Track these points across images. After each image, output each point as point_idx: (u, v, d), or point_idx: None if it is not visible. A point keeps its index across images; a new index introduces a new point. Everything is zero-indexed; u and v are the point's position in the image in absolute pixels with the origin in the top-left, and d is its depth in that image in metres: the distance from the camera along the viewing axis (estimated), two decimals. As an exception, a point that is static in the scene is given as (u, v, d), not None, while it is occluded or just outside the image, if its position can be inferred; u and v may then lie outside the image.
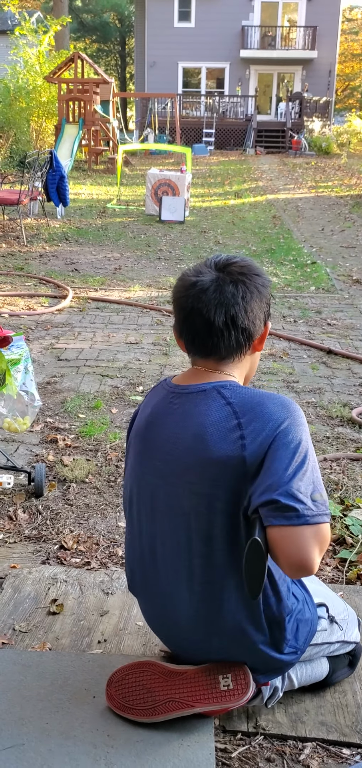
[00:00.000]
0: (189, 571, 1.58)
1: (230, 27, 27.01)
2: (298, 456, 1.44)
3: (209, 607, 1.59)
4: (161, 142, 22.24)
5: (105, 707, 1.69)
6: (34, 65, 18.82)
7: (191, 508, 1.54)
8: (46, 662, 1.86)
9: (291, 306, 6.18)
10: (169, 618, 1.67)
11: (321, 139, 24.37)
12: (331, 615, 1.77)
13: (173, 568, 1.61)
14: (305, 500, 1.40)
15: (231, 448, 1.47)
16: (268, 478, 1.43)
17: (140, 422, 1.69)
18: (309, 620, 1.68)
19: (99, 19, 41.41)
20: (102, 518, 2.80)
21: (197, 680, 1.64)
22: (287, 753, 1.68)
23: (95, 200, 13.09)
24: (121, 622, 2.09)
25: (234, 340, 1.56)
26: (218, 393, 1.54)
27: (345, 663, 1.85)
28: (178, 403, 1.60)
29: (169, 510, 1.59)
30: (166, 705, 1.63)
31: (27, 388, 2.82)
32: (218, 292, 1.54)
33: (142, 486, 1.66)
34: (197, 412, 1.55)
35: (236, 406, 1.51)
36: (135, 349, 4.94)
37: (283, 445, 1.44)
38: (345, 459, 3.30)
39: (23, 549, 2.57)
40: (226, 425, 1.49)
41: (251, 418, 1.48)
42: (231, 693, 1.61)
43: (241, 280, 1.56)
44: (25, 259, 7.95)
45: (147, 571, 1.68)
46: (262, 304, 1.59)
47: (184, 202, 10.85)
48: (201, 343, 1.58)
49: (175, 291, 1.62)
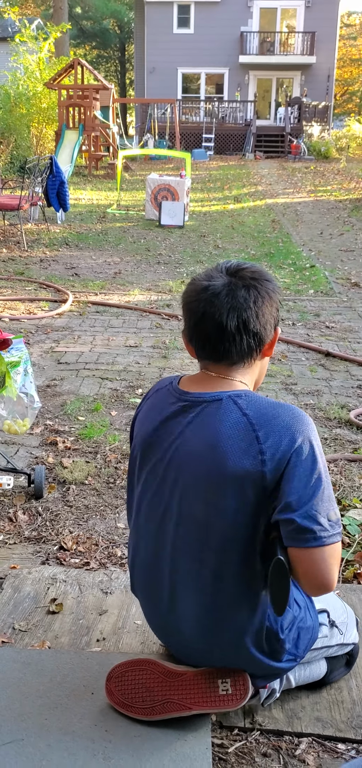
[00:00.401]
0: (198, 582, 1.58)
1: (229, 33, 27.10)
2: (316, 473, 1.46)
3: (214, 619, 1.59)
4: (161, 147, 22.31)
5: (103, 703, 1.71)
6: (35, 72, 18.90)
7: (206, 519, 1.54)
8: (46, 660, 1.88)
9: (290, 309, 6.21)
10: (172, 625, 1.67)
11: (320, 144, 24.43)
12: (332, 620, 1.78)
13: (181, 577, 1.60)
14: (322, 521, 1.44)
15: (251, 463, 1.47)
16: (287, 496, 1.44)
17: (149, 428, 1.65)
18: (311, 628, 1.69)
19: (99, 26, 41.56)
20: (101, 519, 2.82)
21: (196, 683, 1.65)
22: (283, 748, 1.70)
23: (95, 205, 13.13)
24: (119, 621, 2.12)
25: (246, 344, 1.55)
26: (234, 403, 1.53)
27: (342, 663, 1.86)
28: (193, 413, 1.57)
29: (181, 519, 1.58)
30: (164, 705, 1.64)
31: (26, 390, 2.85)
32: (230, 296, 1.54)
33: (153, 494, 1.64)
34: (213, 423, 1.53)
35: (252, 419, 1.50)
36: (134, 352, 4.97)
37: (301, 462, 1.46)
38: (342, 460, 3.32)
39: (23, 550, 2.60)
40: (245, 438, 1.49)
41: (268, 432, 1.48)
42: (230, 698, 1.62)
43: (253, 285, 1.56)
44: (26, 263, 7.99)
45: (152, 577, 1.67)
46: (273, 309, 1.59)
47: (184, 207, 10.89)
48: (212, 348, 1.57)
49: (185, 296, 1.61)
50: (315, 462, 1.46)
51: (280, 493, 1.46)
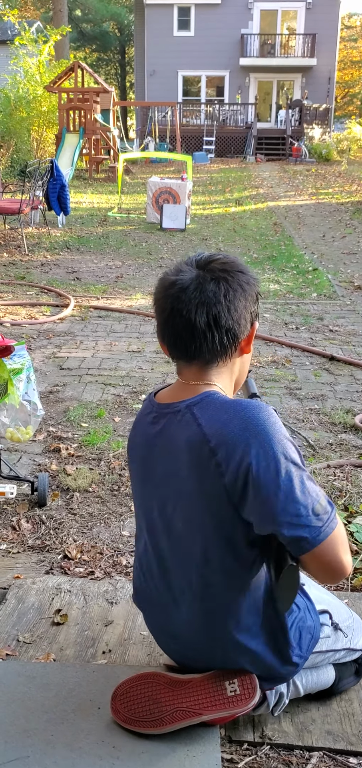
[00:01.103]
0: (190, 589, 1.58)
1: (229, 35, 27.11)
2: (282, 476, 1.37)
3: (209, 624, 1.59)
4: (162, 150, 22.31)
5: (110, 719, 1.68)
6: (35, 75, 18.89)
7: (186, 532, 1.54)
8: (51, 673, 1.84)
9: (293, 313, 6.18)
10: (172, 631, 1.67)
11: (321, 146, 24.42)
12: (335, 622, 1.76)
13: (176, 584, 1.61)
14: (309, 522, 1.38)
15: (212, 477, 1.43)
16: (262, 507, 1.40)
17: (131, 442, 1.67)
18: (312, 627, 1.67)
19: (99, 29, 41.59)
20: (105, 527, 2.79)
21: (203, 688, 1.63)
22: (294, 763, 1.67)
23: (96, 209, 13.12)
24: (125, 632, 2.09)
25: (218, 341, 1.47)
26: (191, 413, 1.48)
27: (351, 671, 1.84)
28: (160, 424, 1.56)
29: (165, 530, 1.59)
30: (172, 715, 1.61)
31: (29, 397, 2.82)
32: (198, 291, 1.45)
33: (141, 505, 1.67)
34: (175, 436, 1.50)
35: (205, 428, 1.44)
36: (137, 357, 4.94)
37: (263, 469, 1.37)
38: (348, 465, 3.29)
39: (27, 559, 2.57)
40: (200, 451, 1.44)
41: (221, 442, 1.41)
42: (239, 698, 1.60)
43: (223, 278, 1.47)
44: (27, 268, 7.96)
45: (150, 587, 1.69)
46: (248, 303, 1.50)
47: (185, 210, 10.87)
48: (183, 347, 1.50)
49: (154, 292, 1.54)
50: (277, 462, 1.37)
51: (252, 506, 1.41)
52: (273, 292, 6.96)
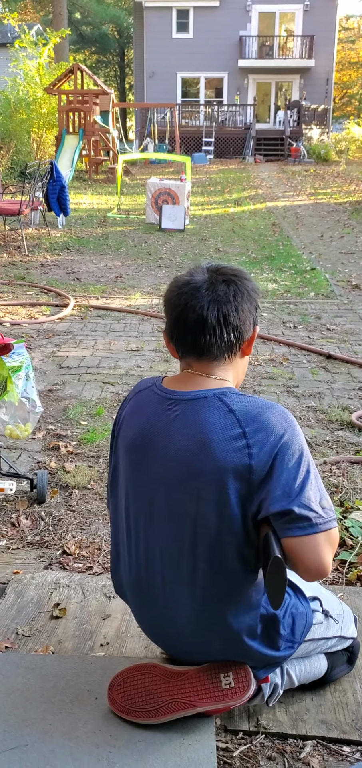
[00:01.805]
0: (193, 576, 1.58)
1: (228, 37, 27.15)
2: (303, 466, 1.51)
3: (211, 611, 1.60)
4: (161, 151, 22.34)
5: (107, 708, 1.71)
6: (34, 77, 18.93)
7: (198, 513, 1.55)
8: (49, 665, 1.87)
9: (291, 312, 6.21)
10: (168, 623, 1.67)
11: (320, 147, 24.45)
12: (325, 609, 1.79)
13: (174, 573, 1.61)
14: (316, 508, 1.49)
15: (239, 457, 1.50)
16: (279, 488, 1.48)
17: (135, 431, 1.64)
18: (304, 613, 1.70)
19: (98, 31, 41.65)
20: (104, 524, 2.82)
21: (199, 680, 1.65)
22: (288, 751, 1.70)
23: (96, 210, 13.15)
24: (123, 625, 2.11)
25: (226, 338, 1.59)
26: (220, 400, 1.55)
27: (343, 659, 1.87)
28: (178, 410, 1.58)
29: (171, 516, 1.58)
30: (168, 706, 1.64)
31: (28, 394, 2.85)
32: (211, 290, 1.59)
33: (139, 494, 1.64)
34: (200, 420, 1.54)
35: (239, 415, 1.53)
36: (136, 356, 4.97)
37: (289, 456, 1.50)
38: (344, 462, 3.32)
39: (26, 555, 2.59)
40: (231, 433, 1.51)
41: (255, 428, 1.51)
42: (233, 691, 1.63)
43: (233, 281, 1.61)
44: (27, 268, 8.00)
45: (142, 578, 1.67)
46: (251, 307, 1.63)
47: (184, 211, 10.90)
48: (193, 341, 1.60)
49: (167, 293, 1.65)
50: (302, 455, 1.51)
51: (269, 488, 1.49)
52: (272, 291, 6.99)
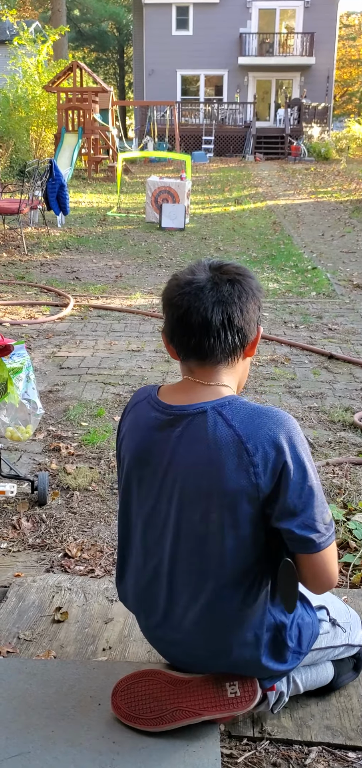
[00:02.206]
0: (199, 594, 1.56)
1: (228, 34, 27.11)
2: (308, 481, 1.46)
3: (218, 628, 1.57)
4: (160, 149, 22.31)
5: (110, 714, 1.69)
6: (33, 75, 18.90)
7: (206, 533, 1.52)
8: (51, 670, 1.86)
9: (293, 311, 6.19)
10: (171, 637, 1.65)
11: (320, 145, 24.42)
12: (333, 618, 1.77)
13: (181, 589, 1.59)
14: (319, 528, 1.47)
15: (246, 477, 1.45)
16: (284, 507, 1.46)
17: (136, 445, 1.60)
18: (311, 623, 1.68)
19: (97, 29, 41.61)
20: (105, 526, 2.80)
21: (204, 688, 1.63)
22: (293, 757, 1.68)
23: (95, 208, 13.12)
24: (125, 629, 2.10)
25: (230, 340, 1.52)
26: (219, 414, 1.49)
27: (350, 666, 1.85)
28: (179, 426, 1.53)
29: (181, 534, 1.56)
30: (173, 714, 1.61)
31: (29, 396, 2.83)
32: (215, 290, 1.50)
33: (150, 510, 1.61)
34: (203, 438, 1.49)
35: (239, 430, 1.47)
36: (137, 356, 4.95)
37: (293, 471, 1.45)
38: (347, 463, 3.30)
39: (27, 557, 2.58)
40: (235, 452, 1.46)
41: (256, 444, 1.45)
42: (239, 700, 1.61)
43: (238, 280, 1.53)
44: (26, 268, 7.97)
45: (149, 591, 1.65)
46: (256, 307, 1.56)
47: (184, 209, 10.88)
48: (197, 345, 1.52)
49: (167, 292, 1.56)
50: (305, 470, 1.47)
51: (277, 503, 1.46)
52: (273, 290, 6.97)
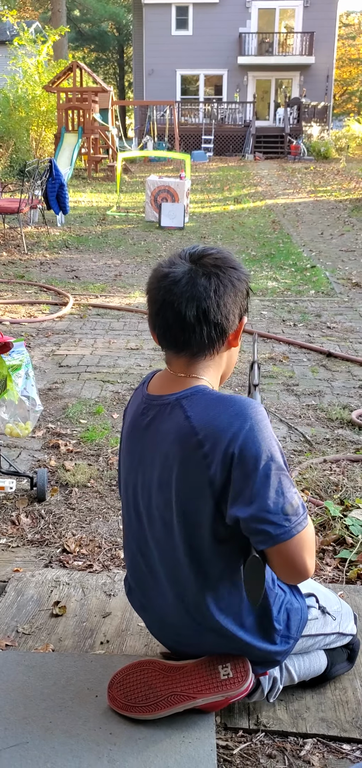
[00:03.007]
0: (176, 578, 1.61)
1: (227, 34, 27.12)
2: (260, 472, 1.42)
3: (194, 612, 1.61)
4: (160, 149, 22.32)
5: (107, 706, 1.71)
6: (33, 75, 18.92)
7: (172, 521, 1.56)
8: (49, 663, 1.87)
9: (291, 310, 6.21)
10: (162, 618, 1.71)
11: (320, 144, 24.43)
12: (322, 605, 1.79)
13: (162, 572, 1.64)
14: (274, 519, 1.41)
15: (197, 468, 1.47)
16: (236, 497, 1.44)
17: (123, 432, 1.72)
18: (299, 609, 1.70)
19: (97, 29, 41.61)
20: (104, 522, 2.82)
21: (197, 672, 1.66)
22: (288, 749, 1.70)
23: (95, 208, 13.14)
24: (123, 623, 2.11)
25: (206, 335, 1.51)
26: (180, 406, 1.51)
27: (343, 657, 1.87)
28: (150, 416, 1.59)
29: (154, 520, 1.61)
30: (168, 699, 1.65)
31: (28, 393, 2.85)
32: (190, 285, 1.49)
33: (129, 492, 1.69)
34: (164, 429, 1.54)
35: (194, 421, 1.48)
36: (135, 354, 4.97)
37: (244, 460, 1.42)
38: (344, 460, 3.32)
39: (26, 553, 2.60)
40: (188, 443, 1.48)
41: (208, 434, 1.45)
42: (232, 681, 1.64)
43: (215, 273, 1.50)
44: (26, 267, 7.99)
45: (142, 576, 1.72)
46: (237, 299, 1.53)
47: (184, 209, 10.90)
48: (172, 338, 1.54)
49: (148, 283, 1.57)
50: (258, 459, 1.42)
51: (230, 493, 1.45)
52: (272, 289, 6.99)
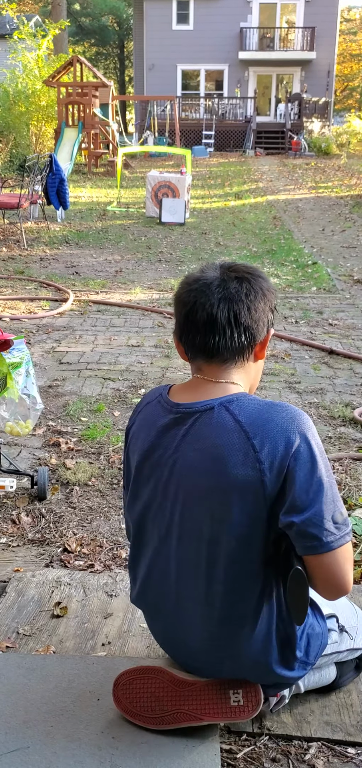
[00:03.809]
0: (208, 597, 1.54)
1: (228, 29, 27.04)
2: (316, 476, 1.41)
3: (224, 634, 1.55)
4: (161, 144, 22.26)
5: (110, 710, 1.69)
6: (33, 69, 18.84)
7: (212, 535, 1.50)
8: (50, 665, 1.85)
9: (293, 307, 6.18)
10: (180, 639, 1.64)
11: (321, 140, 24.38)
12: (341, 625, 1.76)
13: (188, 592, 1.57)
14: (327, 526, 1.41)
15: (251, 473, 1.42)
16: (290, 503, 1.41)
17: (144, 445, 1.60)
18: (320, 634, 1.66)
19: (97, 23, 41.50)
20: (105, 521, 2.80)
21: (207, 693, 1.61)
22: (292, 753, 1.68)
23: (95, 203, 13.10)
24: (125, 625, 2.09)
25: (236, 338, 1.50)
26: (226, 410, 1.47)
27: (351, 667, 1.84)
28: (185, 424, 1.52)
29: (187, 535, 1.54)
30: (174, 716, 1.60)
31: (28, 391, 2.82)
32: (222, 287, 1.51)
33: (155, 511, 1.59)
34: (209, 434, 1.48)
35: (246, 426, 1.44)
36: (136, 351, 4.94)
37: (300, 467, 1.41)
38: (347, 459, 3.30)
39: (27, 552, 2.57)
40: (241, 448, 1.43)
41: (263, 439, 1.42)
42: (241, 709, 1.59)
43: (246, 278, 1.53)
44: (26, 262, 7.96)
45: (158, 593, 1.64)
46: (266, 307, 1.54)
47: (184, 204, 10.86)
48: (203, 342, 1.51)
49: (177, 290, 1.57)
50: (314, 464, 1.42)
51: (284, 498, 1.43)
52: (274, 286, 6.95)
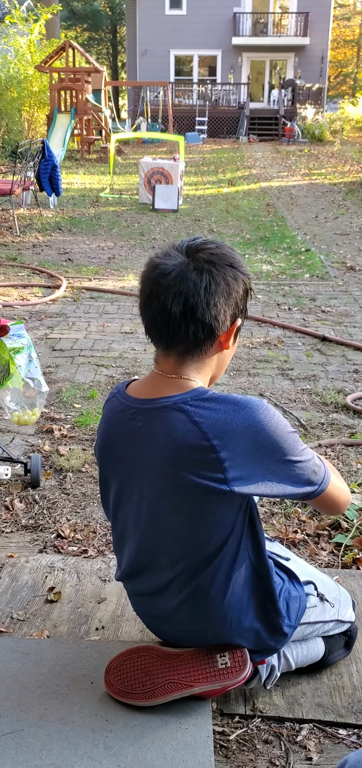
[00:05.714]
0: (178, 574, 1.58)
1: (222, 14, 26.83)
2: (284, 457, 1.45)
3: (198, 606, 1.59)
4: (154, 130, 22.14)
5: (103, 693, 1.70)
6: (25, 54, 18.66)
7: (179, 525, 1.52)
8: (44, 649, 1.87)
9: (286, 293, 6.19)
10: (160, 615, 1.68)
11: (314, 126, 24.30)
12: (320, 593, 1.79)
13: (161, 570, 1.60)
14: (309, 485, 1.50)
15: (212, 471, 1.42)
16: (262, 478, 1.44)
17: (103, 440, 1.60)
18: (298, 597, 1.70)
19: (90, 7, 41.10)
20: (98, 507, 2.81)
21: (195, 660, 1.65)
22: (284, 735, 1.70)
23: (88, 189, 13.03)
24: (118, 609, 2.11)
25: (192, 334, 1.43)
26: (181, 411, 1.44)
27: (341, 644, 1.87)
28: (140, 421, 1.51)
29: (154, 523, 1.56)
30: (165, 687, 1.64)
31: (32, 375, 2.80)
32: (179, 279, 1.41)
33: (125, 503, 1.61)
34: (164, 433, 1.45)
35: (204, 426, 1.41)
36: (130, 338, 4.94)
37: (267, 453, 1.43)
38: (339, 445, 3.32)
39: (20, 538, 2.58)
40: (199, 448, 1.41)
41: (225, 441, 1.40)
42: (230, 671, 1.63)
43: (208, 269, 1.43)
44: (18, 249, 7.92)
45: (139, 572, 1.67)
46: (230, 299, 1.45)
47: (178, 191, 10.82)
48: (157, 333, 1.47)
49: (141, 272, 1.50)
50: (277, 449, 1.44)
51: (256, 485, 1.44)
52: (266, 273, 6.96)
